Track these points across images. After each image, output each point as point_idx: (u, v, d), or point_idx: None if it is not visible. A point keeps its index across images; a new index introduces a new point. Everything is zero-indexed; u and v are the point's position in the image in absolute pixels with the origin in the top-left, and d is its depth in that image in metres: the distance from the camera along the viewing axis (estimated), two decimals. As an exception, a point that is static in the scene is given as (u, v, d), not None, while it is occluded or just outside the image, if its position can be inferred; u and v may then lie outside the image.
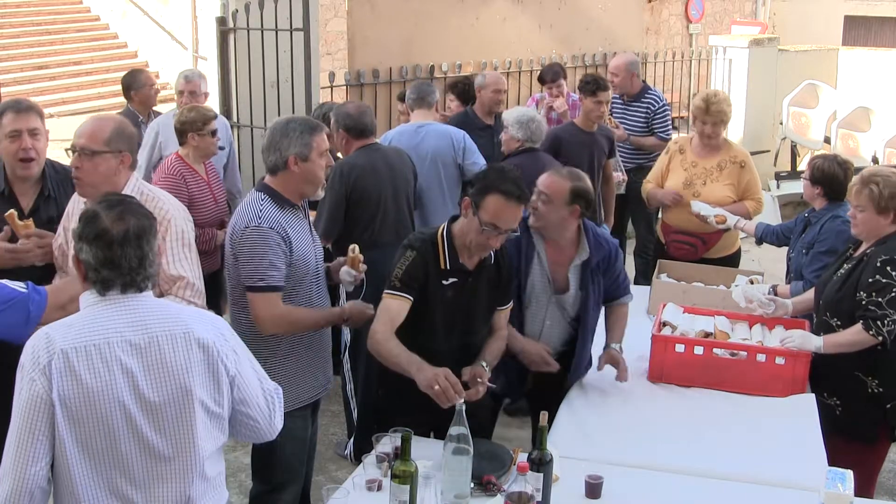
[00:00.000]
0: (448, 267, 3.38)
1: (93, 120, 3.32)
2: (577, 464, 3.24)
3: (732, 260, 5.49)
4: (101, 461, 2.27)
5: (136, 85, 6.34)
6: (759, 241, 5.18)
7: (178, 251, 3.22)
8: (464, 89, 6.69)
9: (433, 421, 3.39)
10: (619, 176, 6.46)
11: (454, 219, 3.44)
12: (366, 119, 4.79)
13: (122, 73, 6.84)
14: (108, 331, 2.28)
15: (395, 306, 3.32)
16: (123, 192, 3.12)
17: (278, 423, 2.61)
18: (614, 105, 6.90)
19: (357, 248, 3.67)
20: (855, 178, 3.96)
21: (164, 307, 2.41)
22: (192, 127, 4.99)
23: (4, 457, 2.25)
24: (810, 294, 4.22)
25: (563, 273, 3.79)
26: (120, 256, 2.31)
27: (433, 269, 3.36)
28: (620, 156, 6.63)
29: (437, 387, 3.06)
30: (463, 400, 2.95)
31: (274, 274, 3.29)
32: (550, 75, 7.13)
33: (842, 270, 3.94)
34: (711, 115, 5.28)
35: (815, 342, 3.82)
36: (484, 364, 3.43)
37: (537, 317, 3.82)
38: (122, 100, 6.78)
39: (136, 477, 2.31)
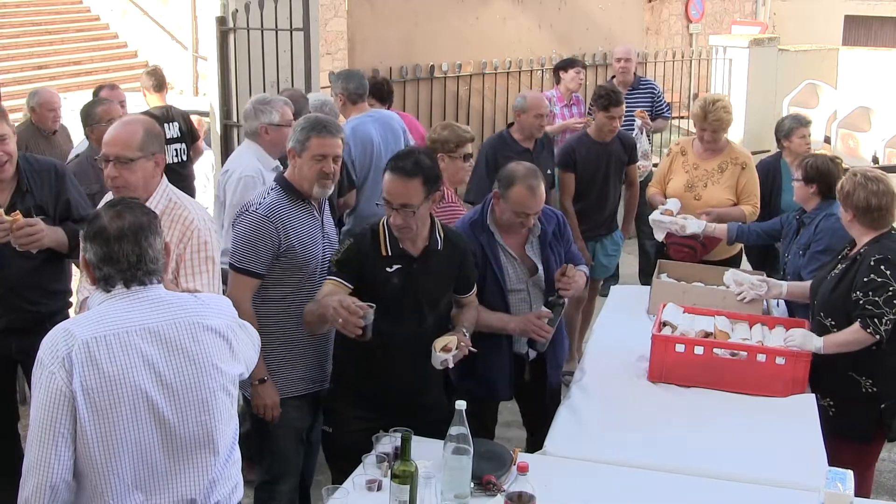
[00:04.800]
0: (390, 253, 3.40)
1: (120, 125, 3.27)
2: (577, 464, 3.25)
3: (735, 262, 5.48)
4: (125, 452, 2.29)
5: (91, 120, 5.15)
6: (731, 242, 5.17)
7: (197, 264, 3.19)
8: (382, 88, 6.28)
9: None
10: (646, 165, 6.50)
11: None
12: (296, 108, 4.96)
13: (123, 74, 6.69)
14: (125, 321, 2.32)
15: (326, 289, 3.34)
16: (154, 197, 3.21)
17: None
18: None
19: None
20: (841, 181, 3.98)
21: (174, 297, 2.45)
22: (443, 147, 4.46)
23: (28, 452, 2.27)
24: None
25: (525, 255, 3.89)
26: (118, 252, 2.35)
27: (373, 257, 3.39)
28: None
29: (340, 320, 3.10)
30: (465, 403, 2.95)
31: (253, 259, 3.42)
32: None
33: (836, 271, 3.95)
34: (709, 122, 5.32)
35: (816, 342, 3.82)
36: (463, 330, 3.50)
37: (523, 304, 3.89)
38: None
39: (158, 466, 2.34)
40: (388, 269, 3.39)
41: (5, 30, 15.29)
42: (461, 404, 2.90)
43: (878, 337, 3.72)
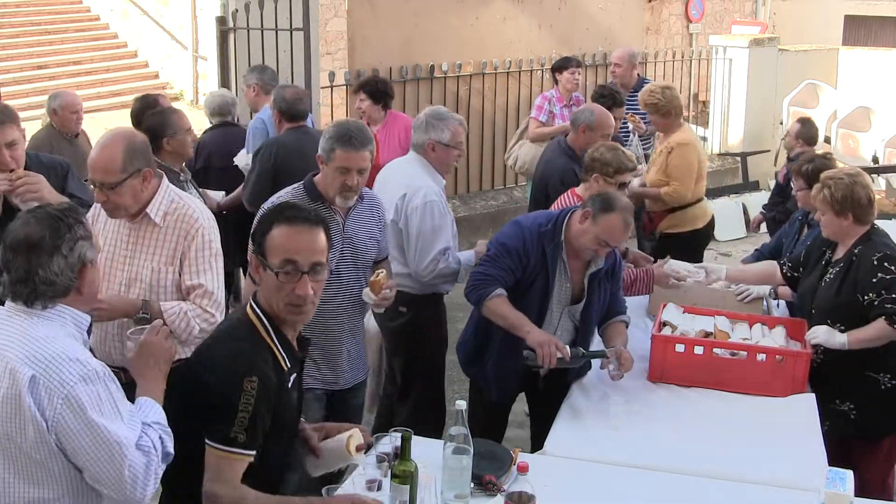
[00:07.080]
0: (289, 365, 2.61)
1: (100, 148, 3.16)
2: (577, 464, 3.24)
3: (702, 235, 5.74)
4: None
5: (169, 130, 4.45)
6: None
7: (203, 261, 3.20)
8: (376, 88, 6.06)
9: None
10: (640, 168, 6.53)
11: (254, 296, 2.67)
12: (300, 105, 5.16)
13: (122, 74, 6.59)
14: None
15: (237, 470, 2.43)
16: (154, 202, 3.17)
17: (141, 495, 2.23)
18: None
19: (384, 272, 3.64)
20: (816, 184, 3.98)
21: (22, 331, 2.24)
22: (601, 169, 4.34)
23: None
24: (753, 266, 4.45)
25: (579, 281, 3.82)
26: (10, 262, 2.25)
27: (279, 383, 2.54)
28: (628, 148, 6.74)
29: None
30: (466, 404, 2.94)
31: None
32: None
33: (829, 276, 3.94)
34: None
35: (840, 338, 3.79)
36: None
37: (549, 326, 3.82)
38: (119, 99, 6.53)
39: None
40: (289, 387, 2.61)
41: (5, 30, 15.28)
42: (461, 404, 2.90)
43: None
